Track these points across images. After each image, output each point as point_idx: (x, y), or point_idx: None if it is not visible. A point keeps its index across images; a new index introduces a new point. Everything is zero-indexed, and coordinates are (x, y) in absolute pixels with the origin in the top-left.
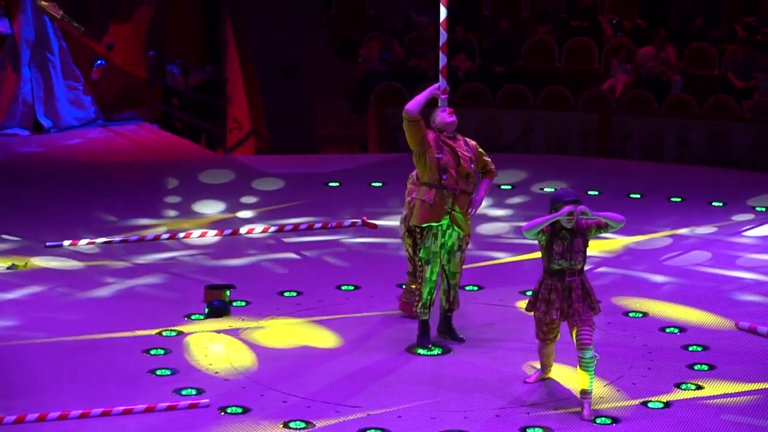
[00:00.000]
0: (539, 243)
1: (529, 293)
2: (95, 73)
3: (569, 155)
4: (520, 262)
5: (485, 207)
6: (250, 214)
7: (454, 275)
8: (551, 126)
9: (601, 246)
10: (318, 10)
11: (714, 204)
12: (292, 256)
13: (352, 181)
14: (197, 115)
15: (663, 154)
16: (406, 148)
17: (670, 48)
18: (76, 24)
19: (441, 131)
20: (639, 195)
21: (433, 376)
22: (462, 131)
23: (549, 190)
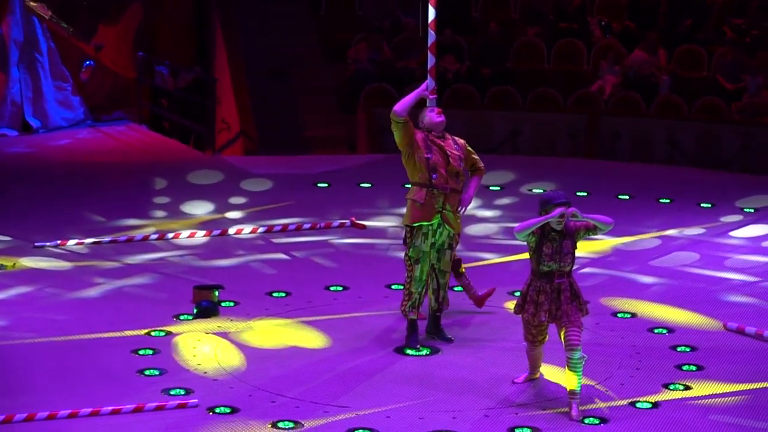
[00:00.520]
0: (528, 245)
1: (518, 294)
2: (84, 74)
3: (558, 156)
4: (508, 263)
5: (474, 208)
6: (238, 214)
7: (444, 274)
8: (540, 127)
9: (590, 247)
10: (307, 11)
11: (702, 205)
12: (280, 256)
13: (340, 182)
14: (186, 116)
15: (652, 155)
16: (394, 149)
17: (660, 50)
18: (64, 25)
19: (429, 131)
20: (627, 196)
21: (422, 376)
22: (450, 132)
23: (537, 191)
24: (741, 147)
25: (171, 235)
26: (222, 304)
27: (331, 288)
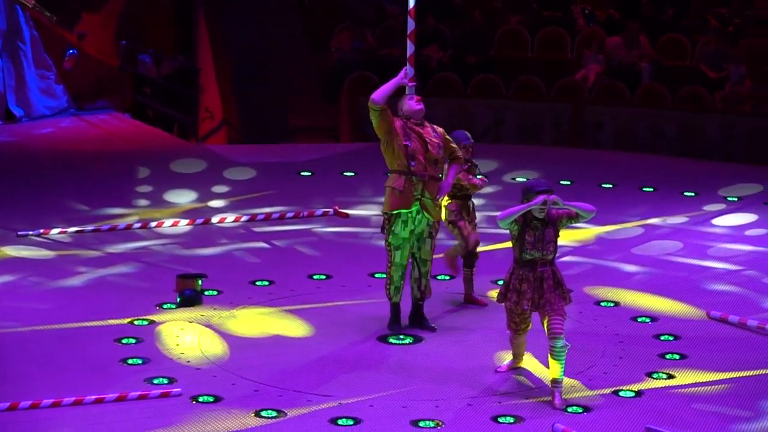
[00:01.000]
0: (511, 233)
1: (501, 283)
2: (67, 63)
3: (541, 145)
4: (492, 251)
5: None
6: (221, 203)
7: (425, 263)
8: (523, 116)
9: (573, 235)
10: (292, 0)
11: (686, 194)
12: (263, 245)
13: (324, 171)
14: (169, 105)
15: (635, 144)
16: (377, 137)
17: (643, 38)
18: (48, 13)
19: (408, 119)
20: (611, 185)
21: (405, 365)
22: (433, 121)
23: (521, 179)
24: (724, 136)
25: (154, 224)
26: (205, 292)
27: (315, 277)
